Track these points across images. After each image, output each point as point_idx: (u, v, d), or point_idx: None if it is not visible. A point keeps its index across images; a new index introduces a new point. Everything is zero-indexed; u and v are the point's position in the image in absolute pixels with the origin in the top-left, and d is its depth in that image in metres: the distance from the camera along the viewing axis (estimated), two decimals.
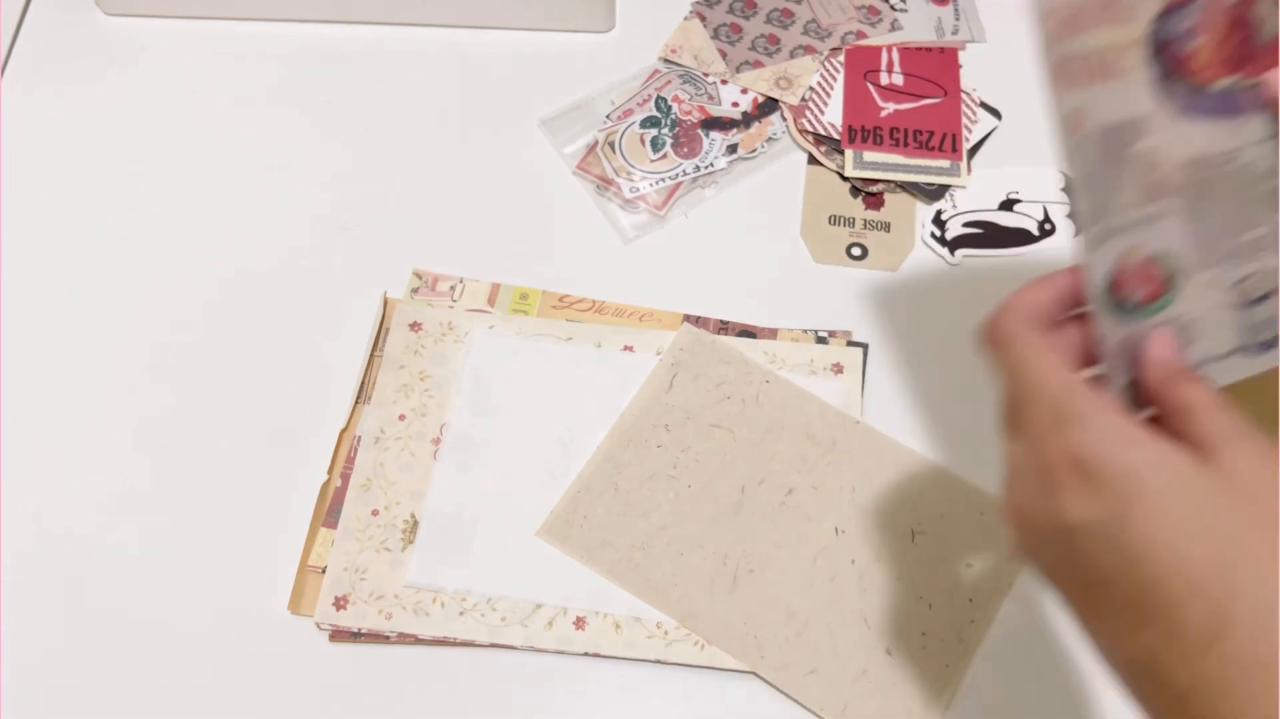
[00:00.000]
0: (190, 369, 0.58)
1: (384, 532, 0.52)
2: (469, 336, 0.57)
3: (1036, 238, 0.63)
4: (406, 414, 0.55)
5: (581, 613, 0.50)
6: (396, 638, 0.50)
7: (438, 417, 0.55)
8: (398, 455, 0.54)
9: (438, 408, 0.56)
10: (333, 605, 0.50)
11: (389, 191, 0.64)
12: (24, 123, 0.67)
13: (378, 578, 0.51)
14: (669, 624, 0.50)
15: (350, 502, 0.53)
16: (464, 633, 0.50)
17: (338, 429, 0.55)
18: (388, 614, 0.50)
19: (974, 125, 0.66)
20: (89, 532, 0.54)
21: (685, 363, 0.56)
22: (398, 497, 0.53)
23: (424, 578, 0.51)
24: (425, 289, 0.59)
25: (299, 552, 0.52)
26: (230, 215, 0.63)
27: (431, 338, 0.57)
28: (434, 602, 0.51)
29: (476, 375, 0.56)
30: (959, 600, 0.50)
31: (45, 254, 0.61)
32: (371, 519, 0.52)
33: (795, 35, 0.70)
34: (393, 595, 0.51)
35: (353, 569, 0.51)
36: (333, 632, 0.50)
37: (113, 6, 0.70)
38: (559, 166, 0.65)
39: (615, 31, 0.71)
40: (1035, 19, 0.33)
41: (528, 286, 0.60)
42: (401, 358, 0.57)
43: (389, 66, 0.69)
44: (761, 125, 0.67)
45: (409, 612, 0.50)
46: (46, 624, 0.52)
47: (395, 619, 0.50)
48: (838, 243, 0.63)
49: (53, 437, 0.56)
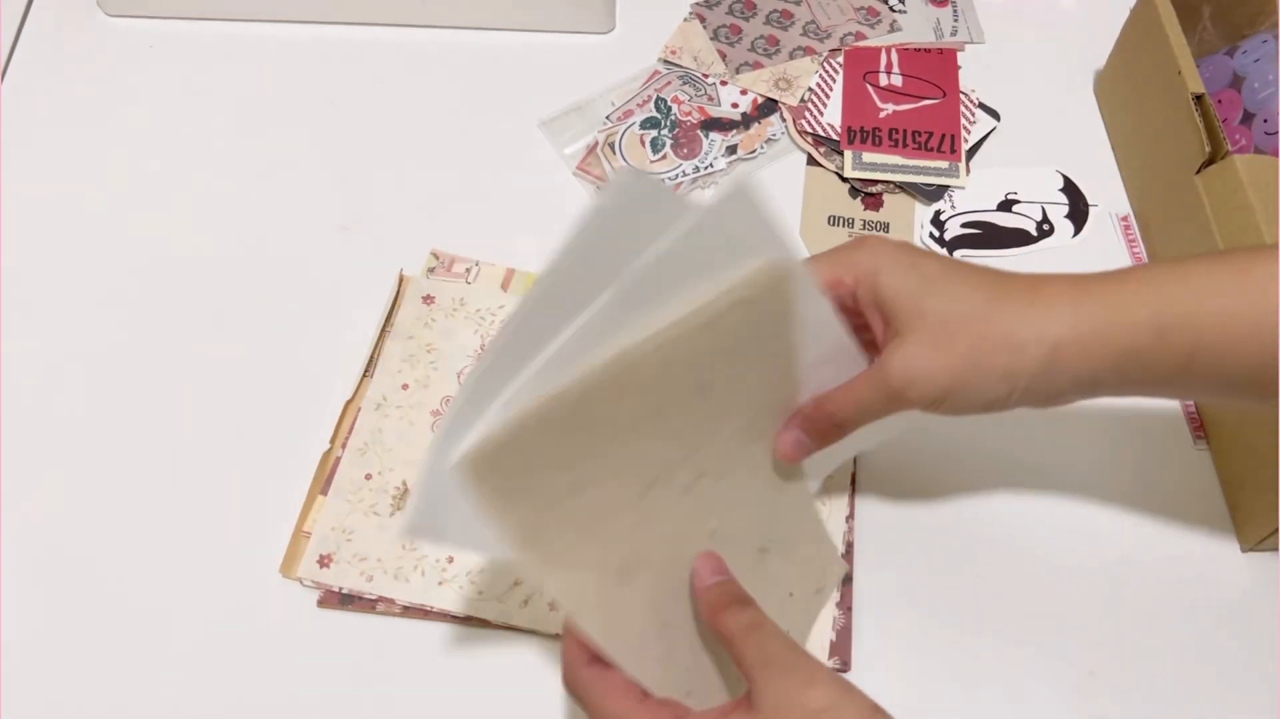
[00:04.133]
0: (190, 369, 0.58)
1: (375, 496, 0.53)
2: (479, 314, 0.58)
3: (1035, 238, 0.63)
4: (410, 384, 0.56)
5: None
6: (380, 606, 0.51)
7: (441, 389, 0.56)
8: (396, 423, 0.55)
9: (442, 380, 0.56)
10: (317, 563, 0.51)
11: (389, 192, 0.64)
12: (25, 123, 0.67)
13: (363, 540, 0.51)
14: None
15: (345, 464, 0.53)
16: (441, 602, 0.50)
17: (344, 401, 0.56)
18: (369, 576, 0.50)
19: (972, 126, 0.67)
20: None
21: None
22: (392, 463, 0.54)
23: (407, 544, 0.51)
24: (441, 269, 0.60)
25: (296, 518, 0.53)
26: (230, 215, 0.63)
27: (443, 312, 0.58)
28: (415, 569, 0.51)
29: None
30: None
31: (46, 254, 0.61)
32: (364, 483, 0.53)
33: (795, 36, 0.70)
34: (376, 559, 0.51)
35: (340, 529, 0.52)
36: (321, 596, 0.51)
37: (114, 7, 0.71)
38: (559, 167, 0.65)
39: (615, 32, 0.71)
40: None
41: (501, 267, 0.60)
42: (411, 329, 0.57)
43: (389, 67, 0.69)
44: (761, 126, 0.67)
45: (389, 575, 0.51)
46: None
47: (375, 582, 0.50)
48: (837, 243, 0.62)
49: (55, 435, 0.56)
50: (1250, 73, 0.59)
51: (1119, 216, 0.64)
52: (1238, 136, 0.59)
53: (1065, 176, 0.65)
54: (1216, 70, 0.61)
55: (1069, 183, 0.65)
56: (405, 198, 0.64)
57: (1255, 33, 0.61)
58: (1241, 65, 0.60)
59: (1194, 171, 0.56)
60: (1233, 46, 0.61)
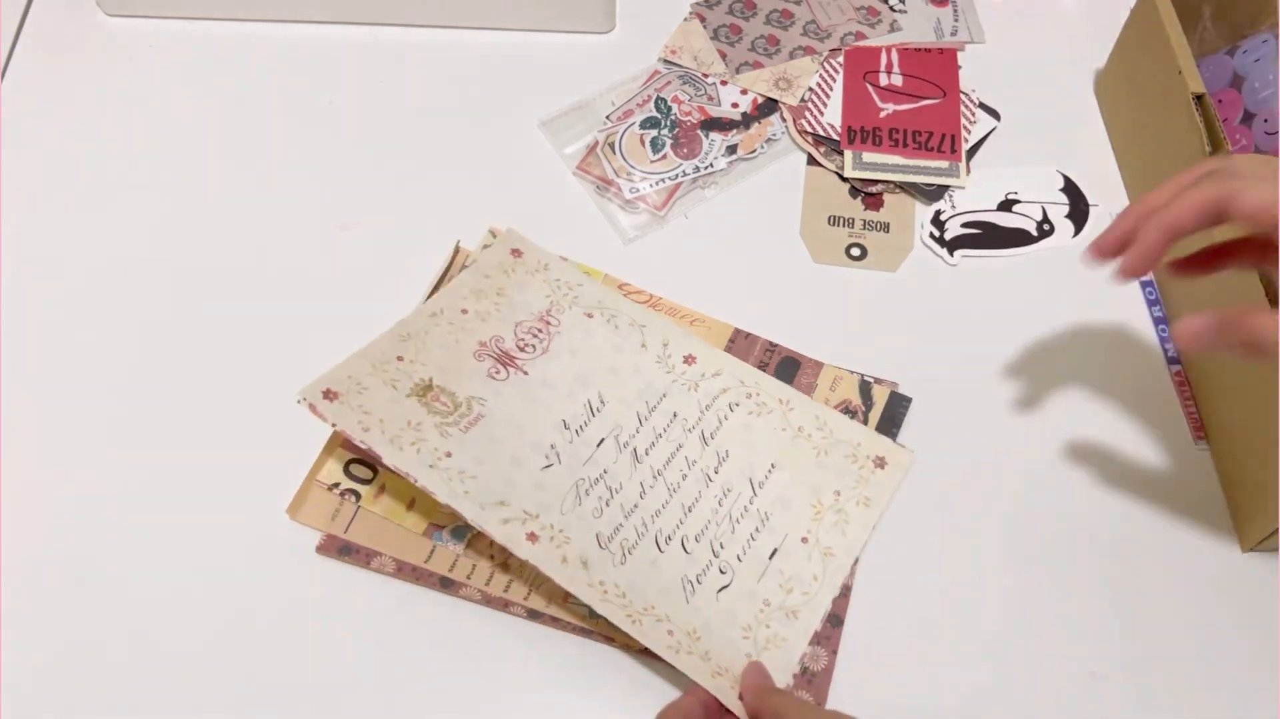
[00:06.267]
0: (190, 369, 0.58)
1: (398, 375, 0.53)
2: (558, 284, 0.59)
3: (1035, 238, 0.63)
4: (470, 311, 0.57)
5: (538, 530, 0.50)
6: (374, 562, 0.51)
7: (495, 328, 0.57)
8: (444, 334, 0.56)
9: (500, 322, 0.57)
10: (322, 394, 0.51)
11: (389, 192, 0.64)
12: (25, 122, 0.67)
13: (372, 400, 0.52)
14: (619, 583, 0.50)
15: (384, 337, 0.54)
16: (425, 481, 0.50)
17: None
18: (366, 428, 0.51)
19: (973, 126, 0.67)
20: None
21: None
22: (426, 361, 0.54)
23: (413, 422, 0.52)
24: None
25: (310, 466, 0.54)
26: (230, 215, 0.63)
27: (526, 269, 0.59)
28: (412, 444, 0.51)
29: (546, 316, 0.58)
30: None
31: (47, 253, 0.62)
32: (395, 362, 0.54)
33: (795, 36, 0.70)
34: (379, 419, 0.51)
35: (355, 380, 0.52)
36: (320, 542, 0.52)
37: (113, 7, 0.71)
38: (559, 167, 0.65)
39: (615, 32, 0.71)
40: None
41: (590, 266, 0.61)
42: (489, 269, 0.59)
43: (389, 67, 0.69)
44: (761, 126, 0.67)
45: (386, 438, 0.51)
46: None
47: (370, 433, 0.50)
48: (837, 243, 0.63)
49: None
50: (1250, 72, 0.59)
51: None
52: (1238, 136, 0.59)
53: (1065, 176, 0.65)
54: (1217, 70, 0.61)
55: (1069, 183, 0.65)
56: (405, 198, 0.64)
57: (1255, 32, 0.61)
58: (1242, 65, 0.60)
59: None
60: (1233, 46, 0.61)
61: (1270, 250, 0.43)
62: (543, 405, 0.55)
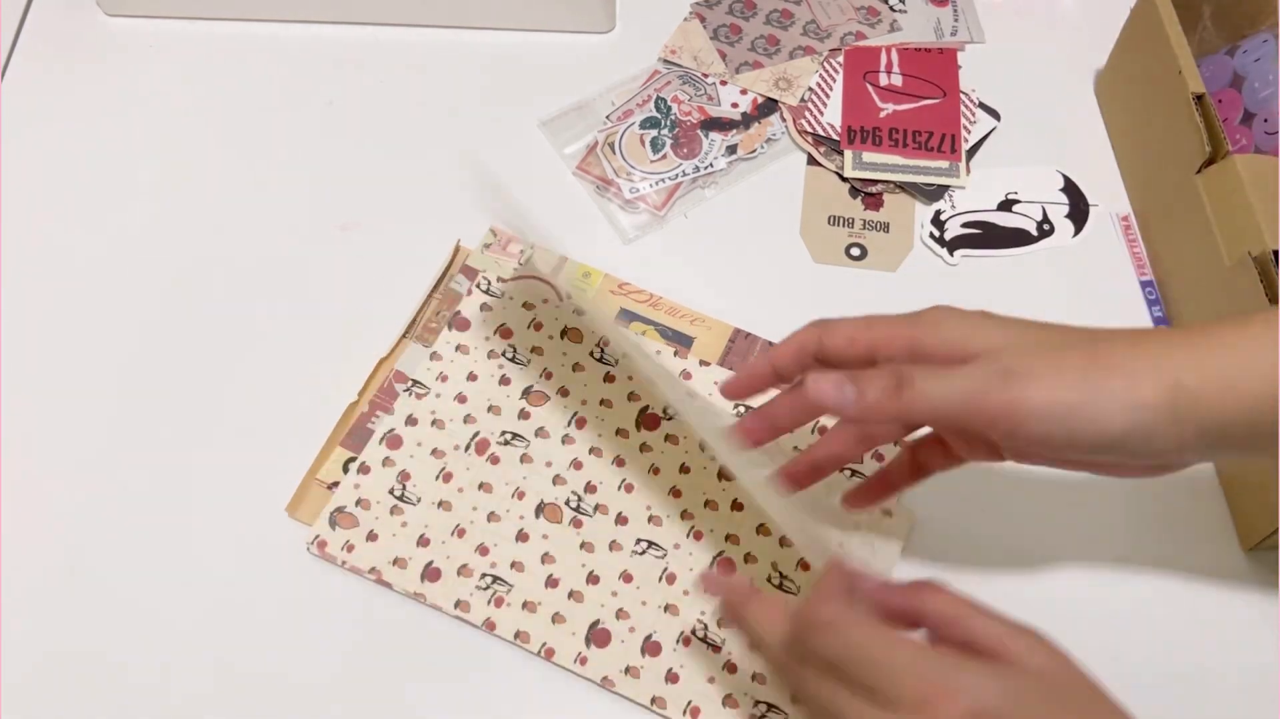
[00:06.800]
0: (190, 367, 0.58)
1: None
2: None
3: (1035, 238, 0.63)
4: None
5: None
6: (369, 571, 0.52)
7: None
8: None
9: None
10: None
11: (388, 192, 0.64)
12: (25, 122, 0.67)
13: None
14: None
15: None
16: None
17: (377, 358, 0.57)
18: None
19: (973, 126, 0.67)
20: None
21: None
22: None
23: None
24: (497, 247, 0.61)
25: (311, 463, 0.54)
26: (230, 215, 0.63)
27: (569, 278, 0.60)
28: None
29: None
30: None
31: (46, 253, 0.62)
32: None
33: (795, 36, 0.70)
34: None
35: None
36: (317, 539, 0.52)
37: (113, 7, 0.71)
38: (559, 167, 0.65)
39: (615, 32, 0.71)
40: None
41: (590, 266, 0.61)
42: (571, 290, 0.59)
43: (389, 66, 0.69)
44: (761, 126, 0.67)
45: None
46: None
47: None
48: (837, 243, 0.63)
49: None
50: (1251, 72, 0.59)
51: (1119, 216, 0.64)
52: (1238, 136, 0.59)
53: (1065, 176, 0.65)
54: (1217, 70, 0.61)
55: (1069, 182, 0.65)
56: (405, 198, 0.64)
57: (1255, 32, 0.61)
58: (1242, 65, 0.60)
59: (1194, 171, 0.56)
60: (1233, 46, 0.61)
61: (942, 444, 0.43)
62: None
